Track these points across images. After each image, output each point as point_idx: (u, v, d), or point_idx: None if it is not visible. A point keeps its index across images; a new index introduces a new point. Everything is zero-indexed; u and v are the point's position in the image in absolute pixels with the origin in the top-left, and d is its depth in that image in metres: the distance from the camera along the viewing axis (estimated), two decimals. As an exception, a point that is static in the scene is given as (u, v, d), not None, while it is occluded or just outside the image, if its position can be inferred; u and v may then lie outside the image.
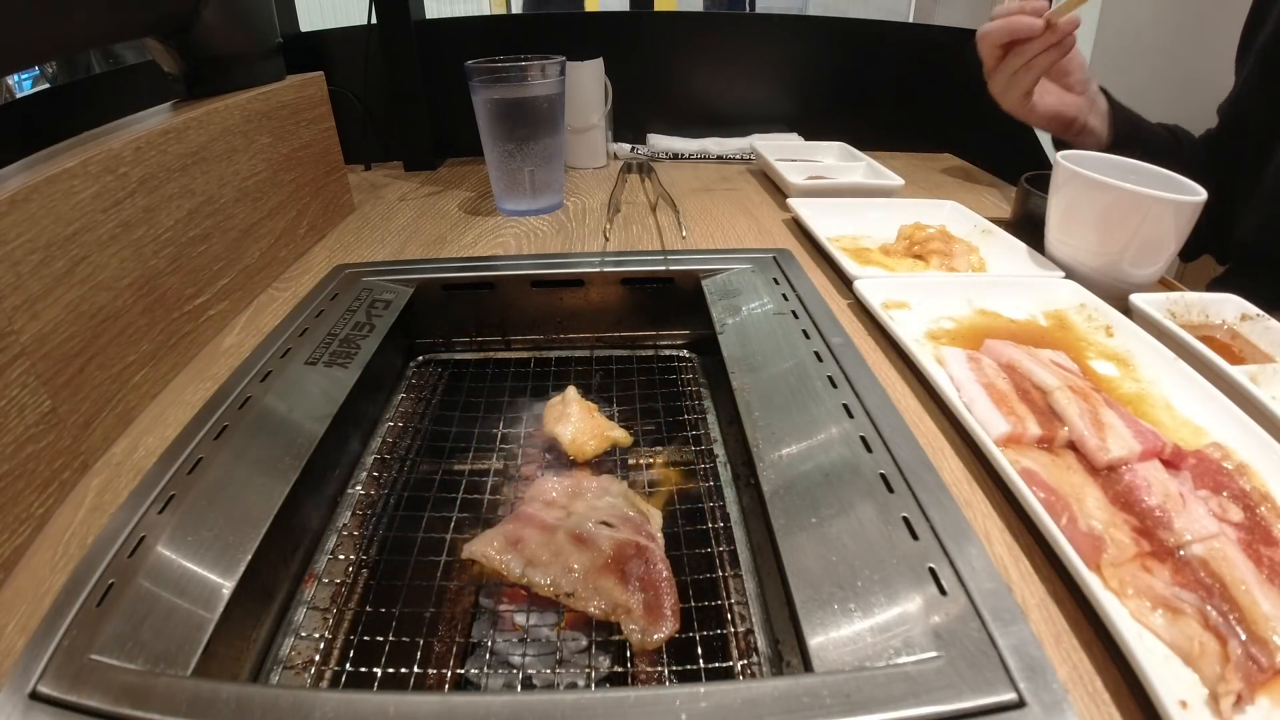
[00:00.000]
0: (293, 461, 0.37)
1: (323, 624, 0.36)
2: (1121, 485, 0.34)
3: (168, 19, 0.54)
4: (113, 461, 0.39)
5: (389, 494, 0.46)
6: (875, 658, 0.26)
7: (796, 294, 0.53)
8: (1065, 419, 0.38)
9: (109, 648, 0.26)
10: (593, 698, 0.25)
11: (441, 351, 0.61)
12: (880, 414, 0.39)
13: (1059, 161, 0.56)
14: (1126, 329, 0.47)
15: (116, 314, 0.42)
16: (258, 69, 0.61)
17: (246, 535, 0.32)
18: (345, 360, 0.46)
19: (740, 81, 1.00)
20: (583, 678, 0.37)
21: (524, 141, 0.70)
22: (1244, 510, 0.33)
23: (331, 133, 0.71)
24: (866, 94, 0.99)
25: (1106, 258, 0.54)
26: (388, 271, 0.58)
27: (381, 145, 0.96)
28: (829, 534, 0.31)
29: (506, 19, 1.06)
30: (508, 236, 0.68)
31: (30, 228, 0.36)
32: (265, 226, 0.59)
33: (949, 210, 0.69)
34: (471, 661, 0.39)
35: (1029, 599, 0.29)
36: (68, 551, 0.33)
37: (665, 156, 0.97)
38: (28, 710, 0.24)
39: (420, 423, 0.53)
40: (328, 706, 0.24)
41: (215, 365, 0.48)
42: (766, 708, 0.24)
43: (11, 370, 0.34)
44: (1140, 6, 1.17)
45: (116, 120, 0.51)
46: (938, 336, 0.48)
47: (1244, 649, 0.26)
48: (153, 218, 0.45)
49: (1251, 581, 0.29)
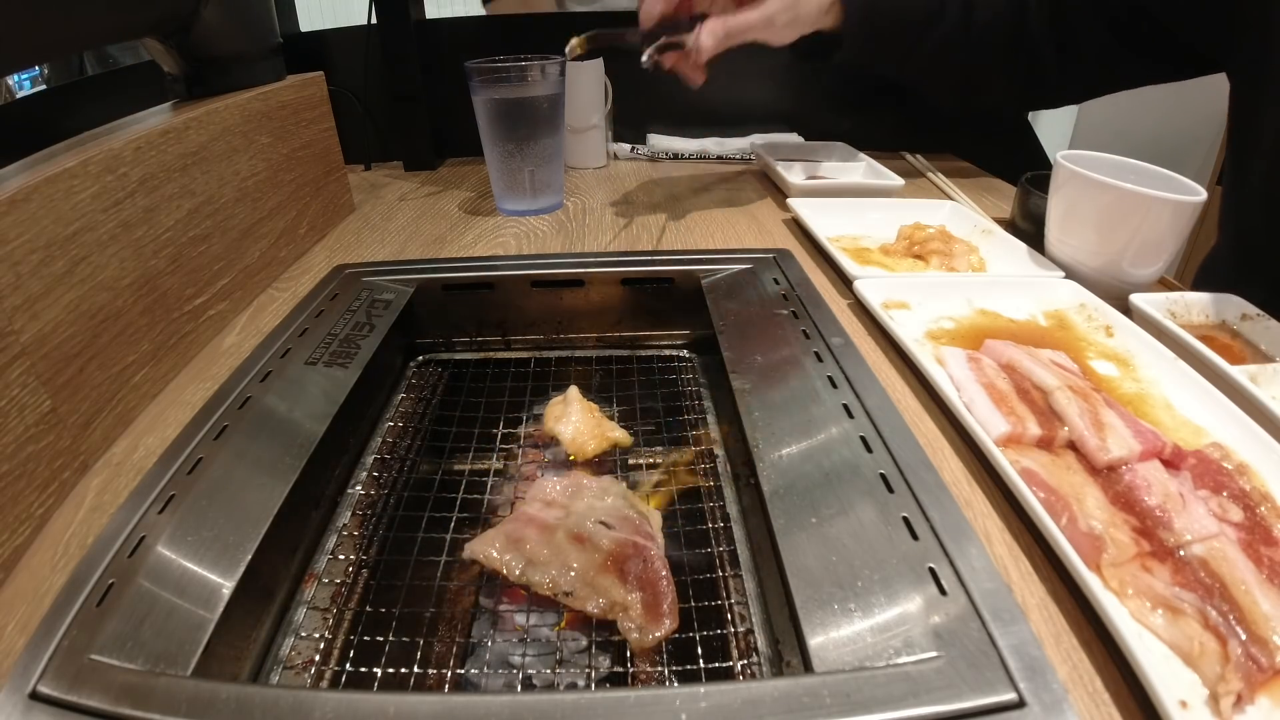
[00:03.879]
0: (293, 461, 0.37)
1: (323, 624, 0.36)
2: (1121, 485, 0.34)
3: (168, 19, 0.54)
4: (113, 461, 0.39)
5: (389, 494, 0.46)
6: (875, 658, 0.26)
7: (796, 294, 0.53)
8: (1065, 419, 0.38)
9: (109, 648, 0.26)
10: (593, 698, 0.25)
11: (441, 351, 0.61)
12: (880, 414, 0.39)
13: (1059, 161, 0.56)
14: (1126, 329, 0.47)
15: (116, 314, 0.42)
16: (258, 69, 0.61)
17: (246, 535, 0.32)
18: (345, 360, 0.46)
19: (740, 81, 0.99)
20: (583, 678, 0.37)
21: (524, 141, 0.70)
22: (1244, 510, 0.33)
23: (331, 133, 0.71)
24: (866, 94, 0.99)
25: (1106, 258, 0.54)
26: (388, 271, 0.58)
27: (381, 145, 0.96)
28: (829, 534, 0.31)
29: (506, 19, 1.06)
30: (508, 236, 0.68)
31: (30, 228, 0.36)
32: (265, 226, 0.59)
33: (949, 210, 0.69)
34: (471, 661, 0.39)
35: (1029, 599, 0.29)
36: (68, 551, 0.33)
37: (665, 156, 0.97)
38: (28, 710, 0.24)
39: (420, 423, 0.53)
40: (328, 706, 0.24)
41: (215, 365, 0.48)
42: (766, 708, 0.24)
43: (11, 370, 0.34)
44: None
45: (116, 120, 0.51)
46: (938, 336, 0.48)
47: (1244, 649, 0.26)
48: (153, 218, 0.45)
49: (1251, 581, 0.29)
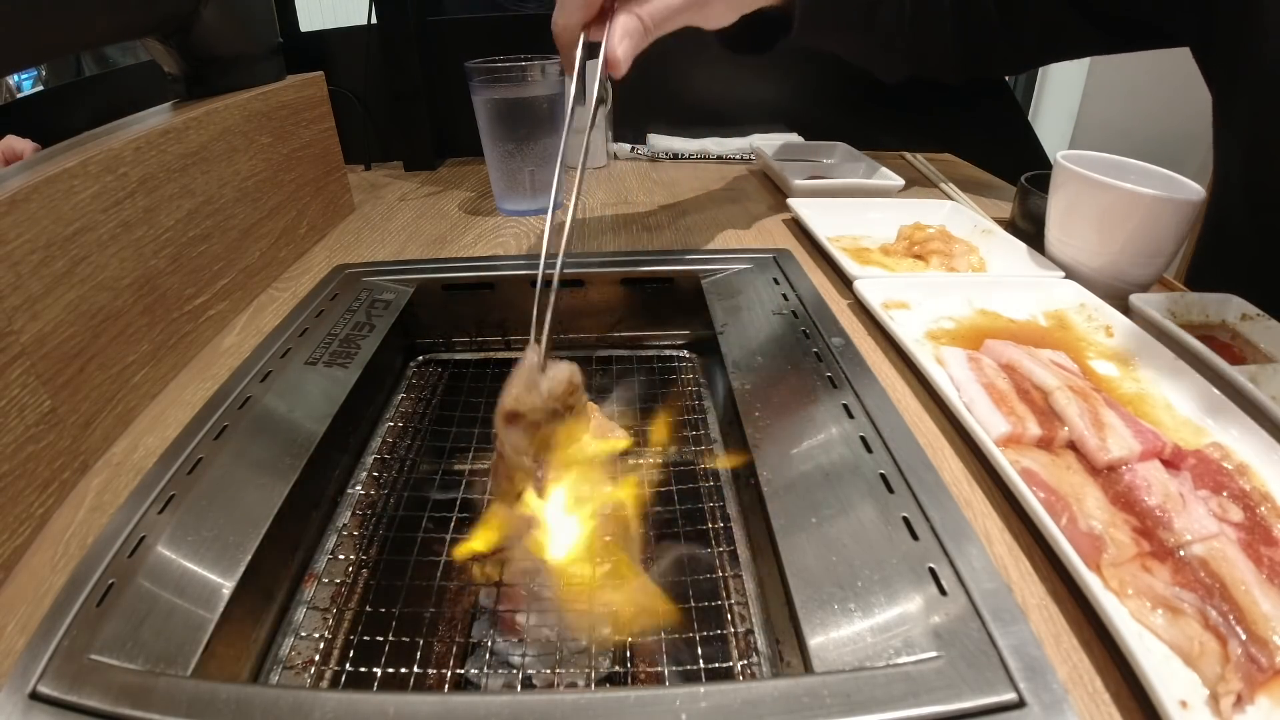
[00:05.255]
0: (293, 461, 0.37)
1: (323, 624, 0.36)
2: (1121, 485, 0.34)
3: (168, 19, 0.54)
4: (113, 461, 0.39)
5: (389, 494, 0.46)
6: (875, 658, 0.26)
7: (796, 294, 0.53)
8: (1065, 419, 0.38)
9: (109, 648, 0.26)
10: (593, 698, 0.25)
11: (441, 351, 0.61)
12: (880, 414, 0.39)
13: (1059, 161, 0.56)
14: (1126, 329, 0.47)
15: (116, 314, 0.42)
16: (258, 69, 0.61)
17: (246, 535, 0.32)
18: (345, 360, 0.46)
19: (740, 81, 0.99)
20: (583, 678, 0.37)
21: (524, 141, 0.70)
22: (1244, 510, 0.33)
23: (331, 133, 0.71)
24: (866, 94, 0.99)
25: (1106, 258, 0.54)
26: (388, 271, 0.58)
27: (381, 145, 0.96)
28: (829, 534, 0.31)
29: (507, 19, 1.06)
30: (508, 236, 0.68)
31: (30, 228, 0.36)
32: (265, 226, 0.59)
33: (949, 210, 0.68)
34: (471, 661, 0.39)
35: (1029, 599, 0.29)
36: (68, 551, 0.33)
37: (665, 156, 0.97)
38: (28, 710, 0.24)
39: (420, 423, 0.53)
40: (328, 706, 0.24)
41: (215, 365, 0.47)
42: (766, 708, 0.24)
43: (11, 370, 0.34)
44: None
45: (116, 120, 0.51)
46: (938, 336, 0.48)
47: (1244, 649, 0.26)
48: (153, 218, 0.45)
49: (1251, 581, 0.29)
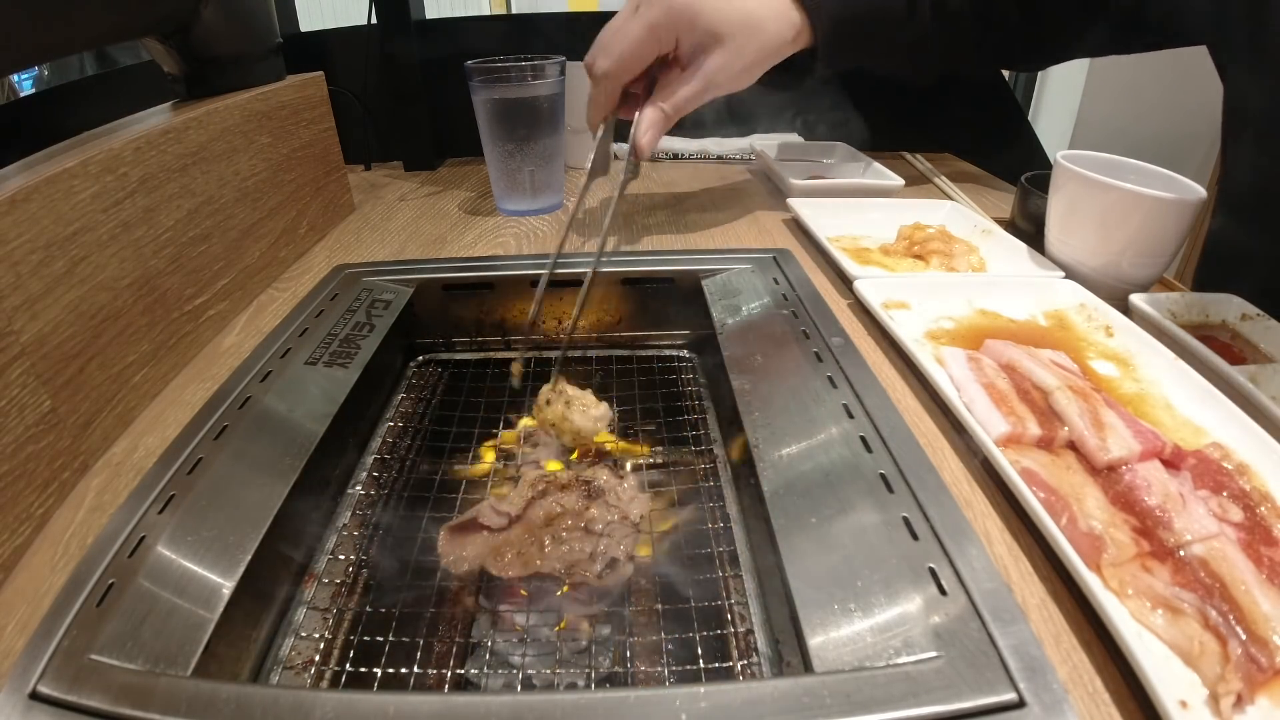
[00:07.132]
0: (293, 461, 0.37)
1: (323, 624, 0.36)
2: (1121, 485, 0.34)
3: (168, 19, 0.54)
4: (113, 461, 0.39)
5: (389, 494, 0.46)
6: (875, 658, 0.26)
7: (796, 294, 0.53)
8: (1065, 419, 0.38)
9: (109, 648, 0.26)
10: (593, 698, 0.25)
11: (441, 351, 0.61)
12: (880, 414, 0.39)
13: (1059, 161, 0.56)
14: (1126, 329, 0.47)
15: (116, 314, 0.42)
16: (258, 69, 0.61)
17: (246, 535, 0.32)
18: (345, 360, 0.46)
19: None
20: (583, 678, 0.37)
21: (524, 141, 0.70)
22: (1244, 510, 0.33)
23: (331, 133, 0.71)
24: (866, 94, 0.99)
25: (1106, 258, 0.54)
26: (388, 271, 0.58)
27: (381, 145, 0.96)
28: (829, 534, 0.31)
29: (506, 19, 1.06)
30: (508, 236, 0.68)
31: (30, 228, 0.36)
32: (265, 226, 0.59)
33: (949, 210, 0.68)
34: (471, 661, 0.39)
35: (1029, 599, 0.29)
36: (68, 551, 0.33)
37: (665, 156, 0.97)
38: (28, 710, 0.24)
39: (420, 423, 0.53)
40: (328, 706, 0.24)
41: (215, 365, 0.47)
42: (766, 708, 0.24)
43: (11, 370, 0.34)
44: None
45: (116, 120, 0.51)
46: (938, 336, 0.48)
47: (1244, 649, 0.26)
48: (153, 218, 0.45)
49: (1251, 581, 0.29)
